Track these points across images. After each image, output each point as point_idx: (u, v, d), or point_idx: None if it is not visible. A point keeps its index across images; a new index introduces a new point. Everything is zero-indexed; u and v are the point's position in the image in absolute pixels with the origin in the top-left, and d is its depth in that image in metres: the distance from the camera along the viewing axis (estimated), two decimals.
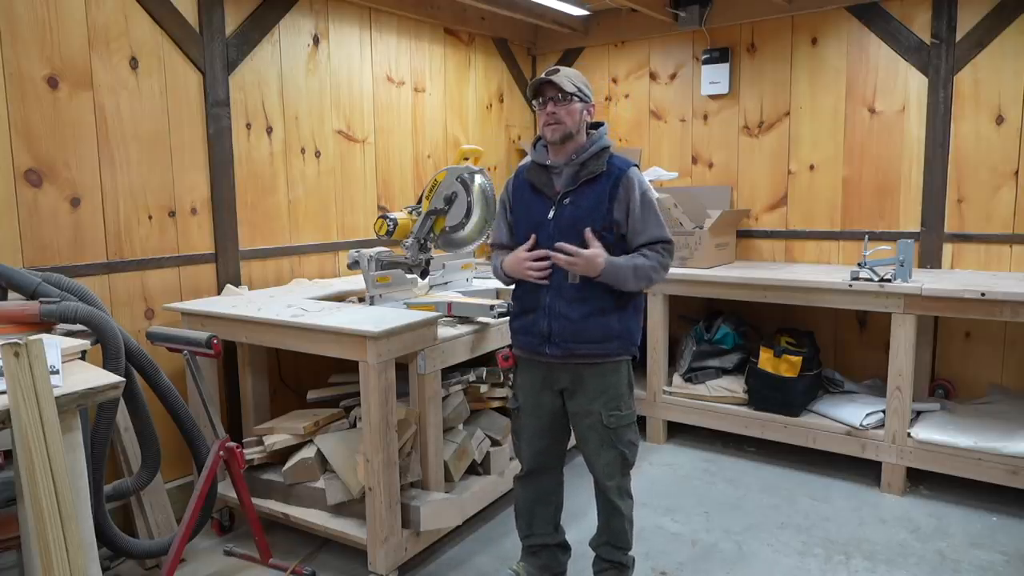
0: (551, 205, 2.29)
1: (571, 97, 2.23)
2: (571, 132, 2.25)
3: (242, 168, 3.28)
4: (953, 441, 3.16)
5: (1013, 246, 3.55)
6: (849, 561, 2.76)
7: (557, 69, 2.28)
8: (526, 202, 2.37)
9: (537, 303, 2.30)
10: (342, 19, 3.68)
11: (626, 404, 2.32)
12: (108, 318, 2.28)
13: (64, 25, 2.64)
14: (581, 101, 2.26)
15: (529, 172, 2.38)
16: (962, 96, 3.60)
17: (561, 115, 2.23)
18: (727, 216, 3.96)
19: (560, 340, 2.25)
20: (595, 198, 2.24)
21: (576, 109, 2.25)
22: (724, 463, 3.71)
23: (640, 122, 4.64)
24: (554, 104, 2.24)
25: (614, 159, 2.30)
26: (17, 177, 2.55)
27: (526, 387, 2.40)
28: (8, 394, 1.47)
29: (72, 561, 1.49)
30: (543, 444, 2.42)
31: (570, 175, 2.28)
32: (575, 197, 2.26)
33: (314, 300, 2.96)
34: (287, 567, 2.66)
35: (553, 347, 2.26)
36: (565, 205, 2.27)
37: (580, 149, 2.28)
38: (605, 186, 2.24)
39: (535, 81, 2.27)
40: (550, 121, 2.25)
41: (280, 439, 2.91)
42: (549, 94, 2.25)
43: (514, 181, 2.45)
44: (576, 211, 2.25)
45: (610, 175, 2.25)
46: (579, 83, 2.27)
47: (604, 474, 2.34)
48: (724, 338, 3.99)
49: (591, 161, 2.27)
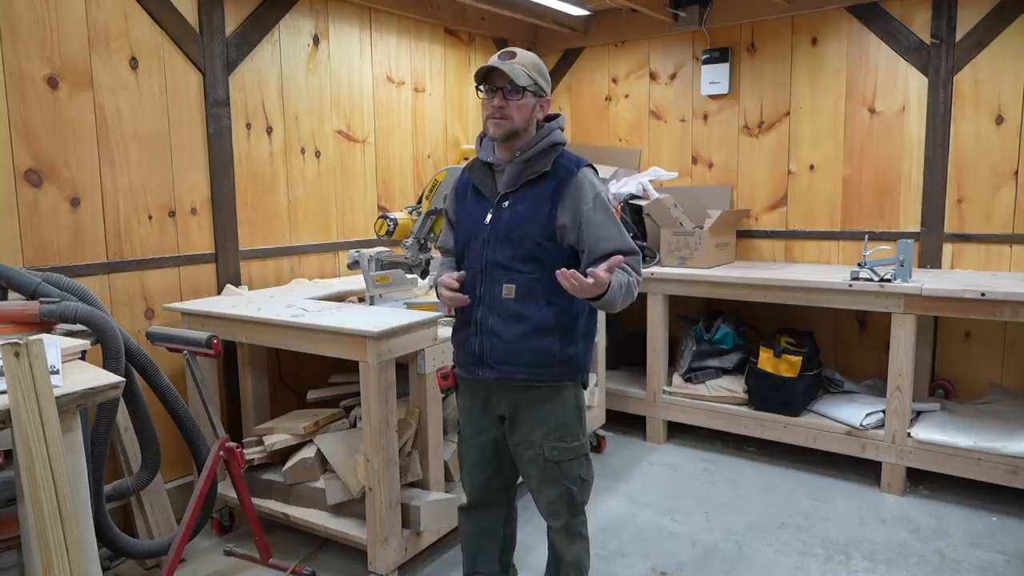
0: (489, 208, 2.02)
1: (523, 91, 1.92)
2: (517, 130, 1.95)
3: (242, 168, 3.28)
4: (953, 441, 3.16)
5: (1013, 246, 3.55)
6: (849, 561, 2.76)
7: (512, 52, 1.95)
8: (468, 204, 2.10)
9: (469, 318, 2.04)
10: (342, 19, 3.68)
11: (572, 434, 2.03)
12: (108, 318, 2.28)
13: (64, 25, 2.64)
14: (535, 95, 1.96)
15: (472, 170, 2.11)
16: (962, 96, 3.60)
17: (509, 110, 1.93)
18: (727, 216, 3.96)
19: (493, 362, 2.00)
20: (536, 201, 1.96)
21: (528, 104, 1.95)
22: (724, 463, 3.71)
23: (640, 122, 4.64)
24: (503, 96, 1.93)
25: (563, 157, 2.01)
26: (17, 177, 2.55)
27: (466, 410, 2.16)
28: (8, 394, 1.47)
29: (72, 561, 1.49)
30: (485, 475, 2.17)
31: (512, 174, 1.99)
32: (515, 200, 1.98)
33: (314, 300, 2.96)
34: (287, 567, 2.66)
35: (486, 369, 2.02)
36: (504, 208, 1.99)
37: (526, 146, 1.98)
38: (549, 187, 1.96)
39: (483, 66, 1.94)
40: (495, 115, 1.94)
41: (280, 439, 2.91)
42: (498, 83, 1.93)
43: (458, 180, 2.19)
44: (514, 216, 1.97)
45: (556, 175, 1.97)
46: (535, 74, 1.95)
47: (548, 512, 2.10)
48: (724, 338, 3.98)
49: (537, 159, 1.98)
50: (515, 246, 1.96)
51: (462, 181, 2.16)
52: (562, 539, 2.12)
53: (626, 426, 4.13)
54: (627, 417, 4.12)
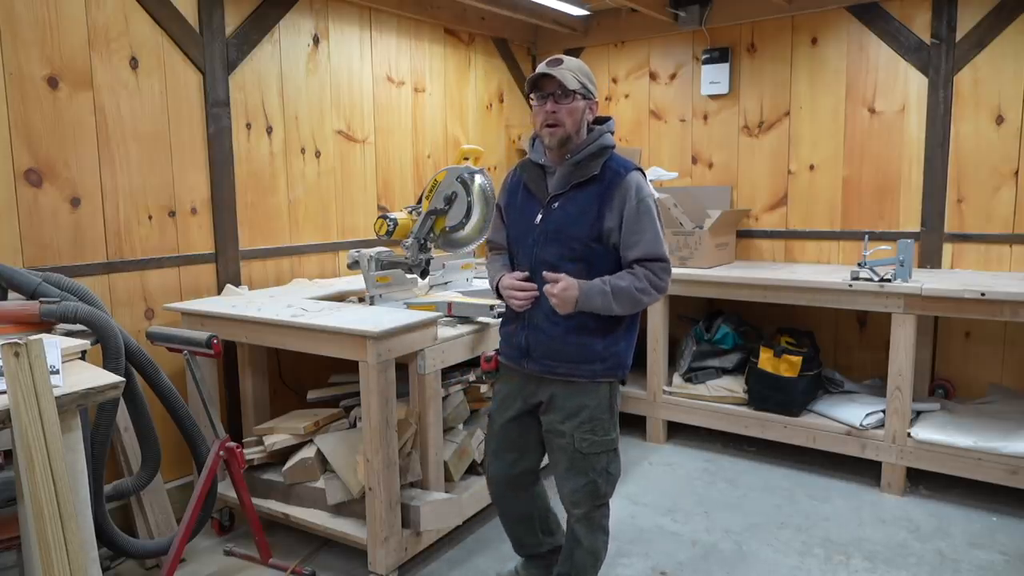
0: (539, 209, 2.11)
1: (573, 95, 2.01)
2: (570, 134, 2.03)
3: (242, 168, 3.28)
4: (953, 441, 3.16)
5: (1013, 246, 3.55)
6: (849, 561, 2.76)
7: (560, 59, 2.03)
8: (519, 203, 2.20)
9: (517, 313, 2.16)
10: (342, 19, 3.68)
11: (603, 428, 2.11)
12: (108, 318, 2.28)
13: (64, 25, 2.64)
14: (584, 98, 2.04)
15: (524, 170, 2.21)
16: (962, 96, 3.60)
17: (561, 115, 2.01)
18: (727, 216, 3.96)
19: (538, 356, 2.11)
20: (584, 203, 2.04)
21: (579, 108, 2.03)
22: (724, 463, 3.71)
23: (640, 122, 4.64)
24: (554, 101, 2.01)
25: (613, 160, 2.08)
26: (17, 177, 2.55)
27: (502, 395, 2.28)
28: (8, 394, 1.47)
29: (72, 561, 1.49)
30: (511, 458, 2.29)
31: (562, 176, 2.07)
32: (564, 201, 2.07)
33: (314, 300, 2.96)
34: (287, 567, 2.66)
35: (531, 362, 2.13)
36: (553, 209, 2.08)
37: (577, 148, 2.06)
38: (598, 190, 2.04)
39: (535, 74, 2.03)
40: (549, 121, 2.02)
41: (280, 439, 2.91)
42: (549, 89, 2.02)
43: (510, 179, 2.29)
44: (564, 217, 2.06)
45: (604, 178, 2.04)
46: (583, 77, 2.04)
47: (570, 501, 2.17)
48: (724, 338, 3.98)
49: (587, 162, 2.05)
50: (563, 246, 2.04)
51: (514, 179, 2.26)
52: (584, 528, 2.20)
53: (626, 426, 4.10)
54: (627, 417, 4.10)
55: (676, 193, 4.05)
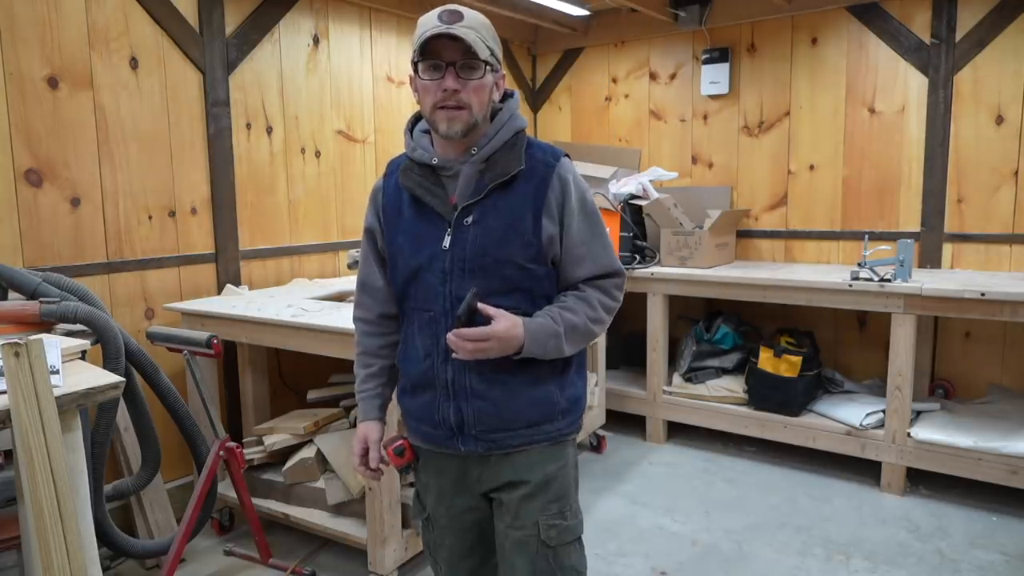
0: (445, 226, 1.47)
1: (483, 66, 1.41)
2: (477, 121, 1.44)
3: (242, 168, 3.28)
4: (953, 441, 3.16)
5: (1013, 246, 3.55)
6: (849, 561, 2.76)
7: (459, 12, 1.42)
8: (407, 224, 1.53)
9: (432, 376, 1.51)
10: (342, 19, 3.68)
11: (571, 508, 1.58)
12: (108, 318, 2.28)
13: (64, 25, 2.64)
14: (493, 71, 1.46)
15: (406, 175, 1.54)
16: (962, 96, 3.60)
17: (466, 95, 1.41)
18: (727, 216, 3.96)
19: (480, 431, 1.50)
20: (513, 211, 1.46)
21: (487, 84, 1.44)
22: (724, 463, 3.71)
23: (640, 122, 4.64)
24: (455, 75, 1.40)
25: (535, 148, 1.52)
26: (17, 177, 2.55)
27: (435, 492, 1.63)
28: (8, 394, 1.47)
29: (72, 561, 1.49)
30: (471, 564, 1.66)
31: (471, 179, 1.47)
32: (482, 213, 1.46)
33: (314, 300, 2.96)
34: (287, 567, 2.66)
35: (469, 441, 1.52)
36: (467, 226, 1.46)
37: (483, 139, 1.47)
38: (526, 190, 1.46)
39: (427, 33, 1.39)
40: (448, 102, 1.41)
41: (280, 439, 2.91)
42: (448, 58, 1.40)
43: (383, 190, 1.59)
44: (485, 235, 1.45)
45: (533, 173, 1.47)
46: (492, 41, 1.44)
47: None
48: (724, 338, 3.99)
49: (503, 154, 1.48)
50: (491, 276, 1.45)
51: (389, 191, 1.58)
52: None
53: (626, 426, 4.13)
54: (627, 417, 4.12)
55: (676, 193, 4.05)
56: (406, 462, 1.63)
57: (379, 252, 1.62)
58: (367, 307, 1.67)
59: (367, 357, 1.68)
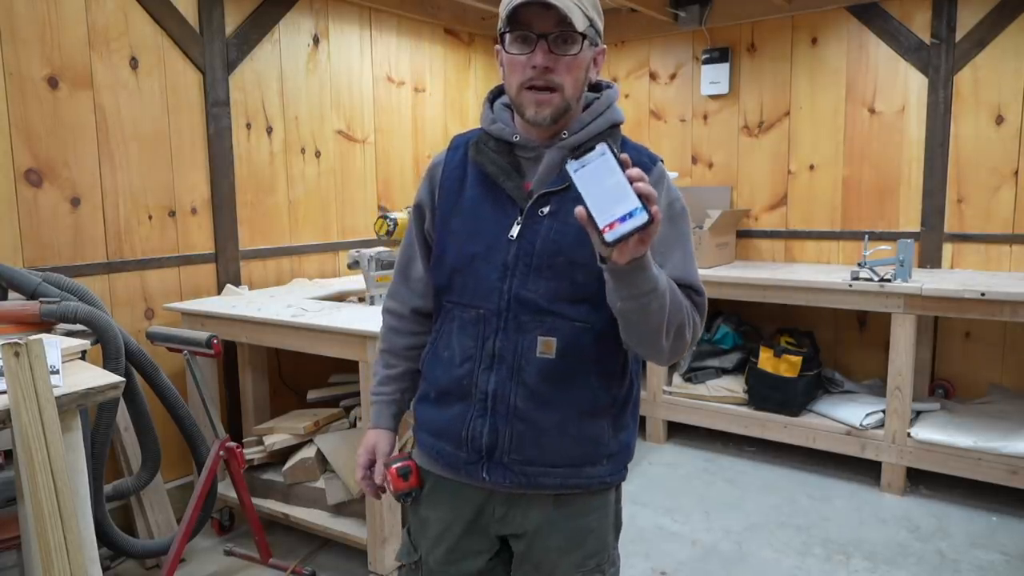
0: (515, 214, 1.26)
1: (581, 40, 1.19)
2: (570, 104, 1.23)
3: (242, 168, 3.28)
4: (953, 441, 3.16)
5: (1013, 246, 3.55)
6: (849, 561, 2.76)
7: None
8: (469, 204, 1.31)
9: (469, 385, 1.28)
10: (342, 19, 3.68)
11: (610, 561, 1.37)
12: (108, 318, 2.28)
13: (64, 25, 2.64)
14: (593, 45, 1.24)
15: (479, 149, 1.31)
16: (962, 96, 3.60)
17: (559, 74, 1.20)
18: (727, 216, 3.96)
19: (512, 461, 1.26)
20: None
21: (584, 61, 1.23)
22: (724, 463, 3.71)
23: (640, 122, 4.64)
24: (546, 50, 1.18)
25: (629, 148, 1.31)
26: (17, 177, 2.55)
27: (437, 530, 1.37)
28: (8, 394, 1.47)
29: (72, 561, 1.49)
30: None
31: (555, 164, 1.25)
32: (560, 204, 1.24)
33: (314, 300, 2.96)
34: (287, 567, 2.66)
35: (498, 470, 1.27)
36: (541, 217, 1.25)
37: (576, 123, 1.27)
38: None
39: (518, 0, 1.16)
40: (537, 83, 1.20)
41: (280, 439, 2.91)
42: (541, 28, 1.18)
43: (444, 164, 1.37)
44: (560, 230, 1.24)
45: None
46: (592, 10, 1.22)
47: None
48: (724, 338, 3.99)
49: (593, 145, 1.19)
50: (560, 278, 1.24)
51: (452, 167, 1.35)
52: None
53: None
54: None
55: None
56: (409, 487, 1.38)
57: (425, 235, 1.40)
58: (402, 299, 1.46)
59: (390, 356, 1.49)
